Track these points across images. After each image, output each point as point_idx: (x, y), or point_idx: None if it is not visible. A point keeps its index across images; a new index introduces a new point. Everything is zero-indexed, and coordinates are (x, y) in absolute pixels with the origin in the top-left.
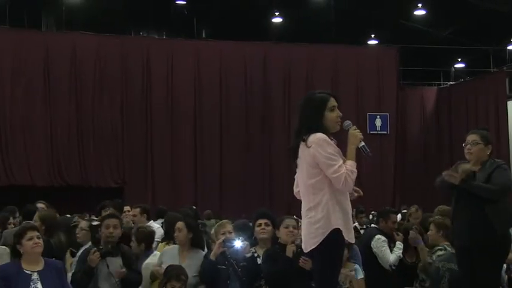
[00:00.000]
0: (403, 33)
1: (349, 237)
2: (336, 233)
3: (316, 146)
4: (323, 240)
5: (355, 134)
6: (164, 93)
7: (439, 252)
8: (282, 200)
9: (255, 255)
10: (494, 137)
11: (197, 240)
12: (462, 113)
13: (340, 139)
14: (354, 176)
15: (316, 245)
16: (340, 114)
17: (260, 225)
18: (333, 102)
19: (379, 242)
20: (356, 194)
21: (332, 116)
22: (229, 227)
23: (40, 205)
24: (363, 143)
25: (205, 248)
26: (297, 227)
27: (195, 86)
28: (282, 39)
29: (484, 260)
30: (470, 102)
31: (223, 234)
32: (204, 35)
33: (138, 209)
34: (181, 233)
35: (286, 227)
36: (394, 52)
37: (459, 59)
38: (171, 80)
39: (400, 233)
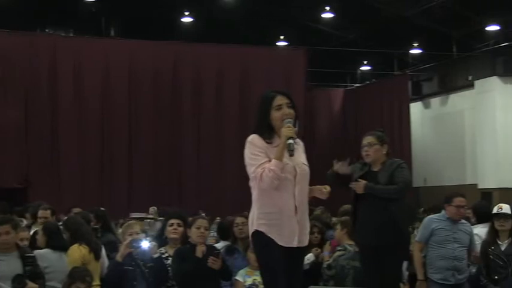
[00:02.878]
0: (311, 35)
1: (285, 241)
2: (257, 235)
3: (246, 147)
4: (252, 240)
5: (284, 132)
6: (71, 93)
7: (339, 253)
8: (192, 201)
9: (165, 255)
10: (397, 138)
11: (52, 243)
12: (368, 114)
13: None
14: (272, 174)
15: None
16: (287, 112)
17: (172, 225)
18: (278, 100)
19: None
20: (324, 192)
21: (277, 115)
22: (136, 227)
23: None
24: (290, 141)
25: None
26: (209, 227)
27: (103, 85)
28: (192, 38)
29: (391, 258)
30: (375, 104)
31: (130, 235)
32: (112, 34)
33: (48, 211)
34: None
35: (198, 228)
36: (302, 53)
37: (365, 62)
38: (79, 79)
39: None
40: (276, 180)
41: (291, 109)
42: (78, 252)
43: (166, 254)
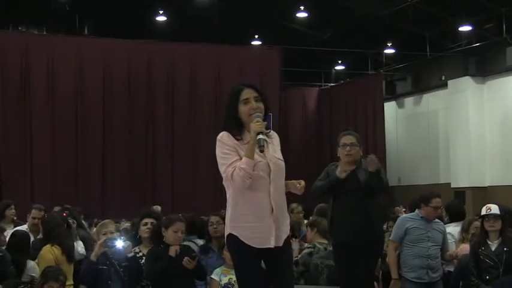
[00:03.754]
0: (286, 35)
1: (259, 243)
2: (230, 239)
3: (217, 146)
4: (226, 243)
5: (252, 127)
6: (44, 91)
7: (307, 250)
8: (166, 200)
9: (139, 254)
10: (371, 137)
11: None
12: (342, 113)
13: None
14: (242, 173)
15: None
16: (255, 106)
17: (146, 224)
18: (245, 94)
19: None
20: (298, 187)
21: (244, 109)
22: (111, 226)
23: None
24: (260, 136)
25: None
26: (184, 231)
27: (77, 84)
28: (166, 37)
29: (366, 257)
30: (349, 103)
31: (104, 234)
32: (86, 32)
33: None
34: None
35: (176, 232)
36: (277, 53)
37: (339, 61)
38: (52, 77)
39: None
40: (248, 179)
41: (259, 103)
42: (51, 253)
43: (141, 254)
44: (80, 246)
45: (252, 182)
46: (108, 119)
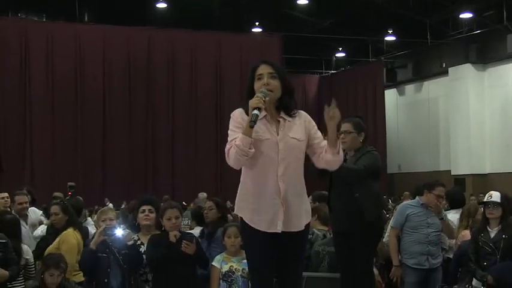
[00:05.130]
0: (286, 22)
1: (266, 226)
2: (240, 220)
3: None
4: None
5: (250, 102)
6: (43, 78)
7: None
8: (167, 187)
9: (138, 242)
10: (372, 123)
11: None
12: (343, 101)
13: None
14: (236, 150)
15: None
16: (266, 82)
17: (144, 211)
18: (260, 70)
19: None
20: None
21: (257, 85)
22: (111, 213)
23: None
24: (255, 111)
25: None
26: (180, 215)
27: (76, 70)
28: (166, 24)
29: (360, 246)
30: (350, 90)
31: (103, 221)
32: (86, 19)
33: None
34: None
35: (169, 219)
36: (277, 40)
37: (340, 49)
38: (51, 64)
39: None
40: (242, 157)
41: (274, 80)
42: (74, 237)
43: (139, 241)
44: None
45: (259, 161)
46: (108, 106)
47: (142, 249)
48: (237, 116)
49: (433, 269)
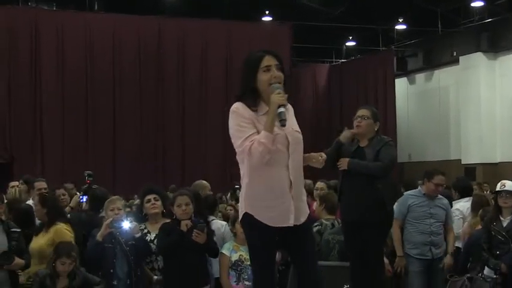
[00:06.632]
0: (296, 11)
1: (278, 221)
2: (246, 218)
3: (230, 118)
4: (241, 222)
5: (274, 99)
6: (54, 67)
7: (314, 229)
8: (177, 176)
9: (145, 231)
10: (382, 113)
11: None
12: (353, 90)
13: None
14: (262, 148)
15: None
16: (276, 75)
17: (149, 200)
18: (267, 61)
19: None
20: (320, 160)
21: (264, 78)
22: (119, 203)
23: None
24: (281, 109)
25: None
26: (190, 202)
27: (86, 60)
28: (176, 13)
29: (374, 236)
30: (360, 79)
31: (112, 210)
32: (96, 8)
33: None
34: None
35: (179, 206)
36: (288, 29)
37: (350, 37)
38: (61, 53)
39: None
40: (267, 155)
41: (280, 71)
42: (67, 233)
43: (146, 230)
44: None
45: (272, 156)
46: (119, 96)
47: (149, 237)
48: (243, 111)
49: (436, 259)
